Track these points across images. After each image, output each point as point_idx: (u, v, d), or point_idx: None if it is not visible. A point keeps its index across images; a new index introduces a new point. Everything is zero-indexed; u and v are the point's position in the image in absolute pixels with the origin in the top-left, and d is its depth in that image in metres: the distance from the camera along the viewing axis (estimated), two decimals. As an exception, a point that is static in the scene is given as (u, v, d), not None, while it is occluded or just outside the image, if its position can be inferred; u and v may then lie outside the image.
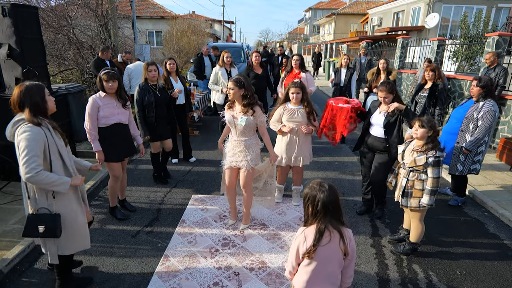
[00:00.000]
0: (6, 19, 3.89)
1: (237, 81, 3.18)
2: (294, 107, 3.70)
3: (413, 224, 3.13)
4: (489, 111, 3.66)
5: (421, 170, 2.88)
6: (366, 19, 25.88)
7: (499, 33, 6.78)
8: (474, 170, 3.94)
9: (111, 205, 3.75)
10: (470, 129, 3.80)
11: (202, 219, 3.75)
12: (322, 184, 1.78)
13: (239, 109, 3.27)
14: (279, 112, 3.76)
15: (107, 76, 3.24)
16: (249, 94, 3.20)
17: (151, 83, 4.24)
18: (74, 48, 9.10)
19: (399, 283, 2.85)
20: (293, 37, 58.52)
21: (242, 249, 3.23)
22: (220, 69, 5.89)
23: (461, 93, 7.66)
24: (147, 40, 21.24)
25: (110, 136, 3.35)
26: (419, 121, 2.87)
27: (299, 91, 3.61)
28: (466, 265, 3.11)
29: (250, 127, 3.25)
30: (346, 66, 6.49)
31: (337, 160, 5.77)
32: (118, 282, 2.78)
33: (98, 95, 3.33)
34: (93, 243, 3.23)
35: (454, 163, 3.97)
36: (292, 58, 5.52)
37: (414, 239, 3.14)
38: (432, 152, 2.81)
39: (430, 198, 2.86)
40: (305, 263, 1.83)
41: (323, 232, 1.76)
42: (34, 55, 4.22)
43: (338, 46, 21.61)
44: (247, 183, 3.40)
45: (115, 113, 3.36)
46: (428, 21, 16.05)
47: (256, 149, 3.39)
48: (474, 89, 3.80)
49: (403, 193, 3.01)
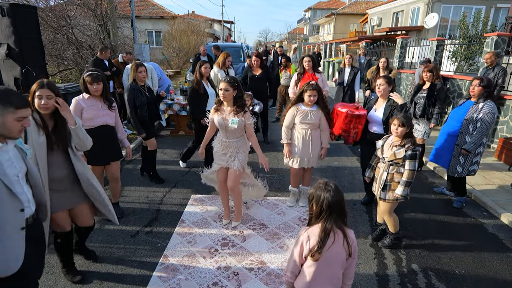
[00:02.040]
0: (4, 19, 3.89)
1: (231, 82, 3.17)
2: (307, 108, 3.63)
3: (385, 217, 3.24)
4: (488, 113, 3.66)
5: (400, 163, 2.98)
6: (366, 19, 25.88)
7: (498, 33, 6.79)
8: (472, 171, 3.94)
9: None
10: (470, 130, 3.79)
11: (202, 219, 3.75)
12: (328, 184, 1.79)
13: (228, 110, 3.25)
14: (292, 114, 3.68)
15: (91, 78, 3.16)
16: (241, 95, 3.23)
17: (140, 83, 4.24)
18: (73, 48, 9.09)
19: (398, 282, 2.85)
20: (292, 37, 58.54)
21: (241, 249, 3.23)
22: (219, 71, 5.82)
23: (460, 93, 7.67)
24: (147, 40, 21.22)
25: (95, 139, 3.09)
26: (398, 120, 2.93)
27: (315, 94, 3.55)
28: (465, 265, 3.12)
29: (240, 128, 3.26)
30: (350, 66, 6.41)
31: (336, 160, 5.77)
32: (118, 282, 2.77)
33: (81, 96, 3.26)
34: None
35: (454, 165, 3.95)
36: (303, 60, 5.27)
37: (393, 229, 3.26)
38: (410, 145, 2.91)
39: (404, 189, 2.96)
40: (307, 264, 1.82)
41: (329, 231, 1.75)
42: (33, 55, 4.22)
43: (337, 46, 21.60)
44: (235, 183, 3.41)
45: (100, 115, 3.28)
46: (427, 21, 16.06)
47: (245, 149, 3.42)
48: (475, 89, 3.76)
49: (384, 186, 3.07)
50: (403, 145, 2.93)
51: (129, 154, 3.75)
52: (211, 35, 27.99)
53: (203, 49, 8.50)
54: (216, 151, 3.47)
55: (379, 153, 3.16)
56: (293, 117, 3.68)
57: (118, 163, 3.65)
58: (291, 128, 3.75)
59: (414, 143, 2.94)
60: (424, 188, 4.73)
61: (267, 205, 4.11)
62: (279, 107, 8.49)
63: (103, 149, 3.36)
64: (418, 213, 4.02)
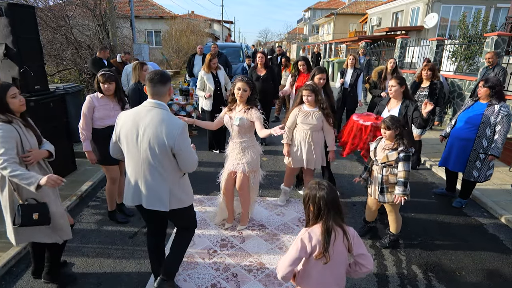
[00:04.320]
0: (2, 19, 3.86)
1: (249, 83, 3.16)
2: (310, 109, 3.61)
3: (391, 217, 3.23)
4: (506, 115, 3.59)
5: (393, 165, 2.98)
6: (365, 19, 25.87)
7: (498, 33, 6.77)
8: (489, 175, 3.88)
9: (110, 209, 3.66)
10: (487, 134, 3.68)
11: (200, 220, 3.73)
12: (320, 183, 1.78)
13: (238, 109, 3.25)
14: (295, 114, 3.66)
15: (103, 78, 3.18)
16: (255, 97, 3.24)
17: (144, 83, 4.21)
18: (72, 48, 9.07)
19: (398, 284, 2.84)
20: (292, 37, 58.53)
21: (240, 250, 3.21)
22: (205, 74, 5.51)
23: (460, 93, 7.65)
24: (146, 40, 21.20)
25: (105, 138, 3.13)
26: (384, 124, 2.94)
27: (310, 94, 3.53)
28: (465, 265, 3.10)
29: (244, 127, 3.21)
30: (353, 67, 6.30)
31: (336, 160, 5.74)
32: (115, 283, 2.75)
33: (96, 95, 3.28)
34: (90, 244, 3.22)
35: (470, 170, 3.86)
36: (298, 64, 5.41)
37: (396, 230, 3.28)
38: (402, 147, 2.91)
39: (402, 188, 2.95)
40: (313, 266, 1.80)
41: (331, 230, 1.73)
42: (31, 55, 4.19)
43: (337, 46, 21.61)
44: (243, 185, 3.37)
45: (111, 116, 3.27)
46: (427, 21, 16.06)
47: (252, 152, 3.31)
48: (481, 90, 3.71)
49: (381, 189, 3.06)
50: (395, 148, 2.93)
51: None
52: (210, 35, 27.97)
53: (199, 48, 8.46)
54: (226, 154, 3.45)
55: (372, 155, 3.16)
56: (295, 117, 3.66)
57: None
58: (293, 128, 3.73)
59: (406, 145, 2.92)
60: (424, 188, 4.71)
61: (267, 206, 4.09)
62: (278, 107, 8.48)
63: None
64: (418, 214, 4.00)
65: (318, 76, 4.01)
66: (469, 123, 3.80)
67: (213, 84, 5.51)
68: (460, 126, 3.90)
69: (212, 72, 5.57)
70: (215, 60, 5.51)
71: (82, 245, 3.24)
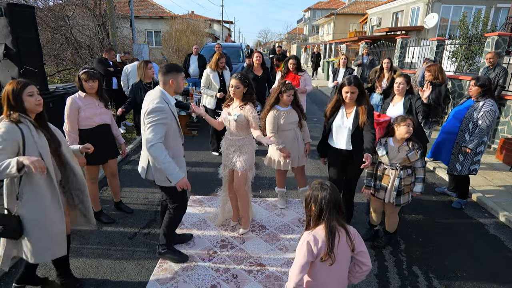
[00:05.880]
0: (2, 19, 3.87)
1: (242, 79, 3.15)
2: (287, 108, 3.61)
3: (391, 218, 3.26)
4: (489, 111, 3.66)
5: (410, 166, 3.01)
6: (365, 19, 25.85)
7: (498, 33, 6.76)
8: (473, 170, 3.92)
9: (95, 210, 3.52)
10: (470, 128, 3.80)
11: (200, 221, 3.72)
12: (323, 183, 1.77)
13: (235, 105, 3.25)
14: (274, 116, 3.56)
15: (87, 76, 3.13)
16: (251, 93, 3.23)
17: (147, 81, 4.21)
18: (72, 48, 9.07)
19: (399, 285, 2.82)
20: (292, 37, 58.54)
21: (240, 251, 3.20)
22: (211, 72, 5.53)
23: (460, 93, 7.64)
24: (146, 40, 21.19)
25: (94, 138, 3.11)
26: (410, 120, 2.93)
27: (293, 93, 3.55)
28: (466, 266, 3.09)
29: (242, 124, 3.19)
30: (345, 66, 6.40)
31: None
32: (115, 285, 2.74)
33: (77, 95, 3.21)
34: (89, 245, 3.21)
35: (453, 163, 3.96)
36: (288, 62, 5.40)
37: (392, 229, 3.31)
38: (418, 146, 2.97)
39: (422, 185, 3.08)
40: (317, 267, 1.78)
41: (334, 230, 1.71)
42: (31, 55, 4.20)
43: (337, 46, 21.61)
44: (239, 185, 3.34)
45: (98, 113, 3.25)
46: (427, 21, 16.04)
47: (249, 150, 3.32)
48: (472, 89, 3.80)
49: (398, 192, 3.03)
50: (412, 147, 2.94)
51: (124, 151, 3.73)
52: (210, 35, 27.97)
53: (194, 48, 8.43)
54: (222, 150, 3.44)
55: (384, 160, 3.04)
56: (276, 120, 3.58)
57: (116, 160, 3.68)
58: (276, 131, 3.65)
59: (417, 142, 3.00)
60: (425, 189, 4.69)
61: (266, 206, 4.08)
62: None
63: (103, 148, 3.34)
64: (419, 214, 3.99)
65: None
66: (455, 118, 3.98)
67: (218, 83, 5.53)
68: (448, 120, 4.08)
69: (218, 71, 5.61)
70: (223, 59, 5.54)
71: (81, 246, 3.23)
